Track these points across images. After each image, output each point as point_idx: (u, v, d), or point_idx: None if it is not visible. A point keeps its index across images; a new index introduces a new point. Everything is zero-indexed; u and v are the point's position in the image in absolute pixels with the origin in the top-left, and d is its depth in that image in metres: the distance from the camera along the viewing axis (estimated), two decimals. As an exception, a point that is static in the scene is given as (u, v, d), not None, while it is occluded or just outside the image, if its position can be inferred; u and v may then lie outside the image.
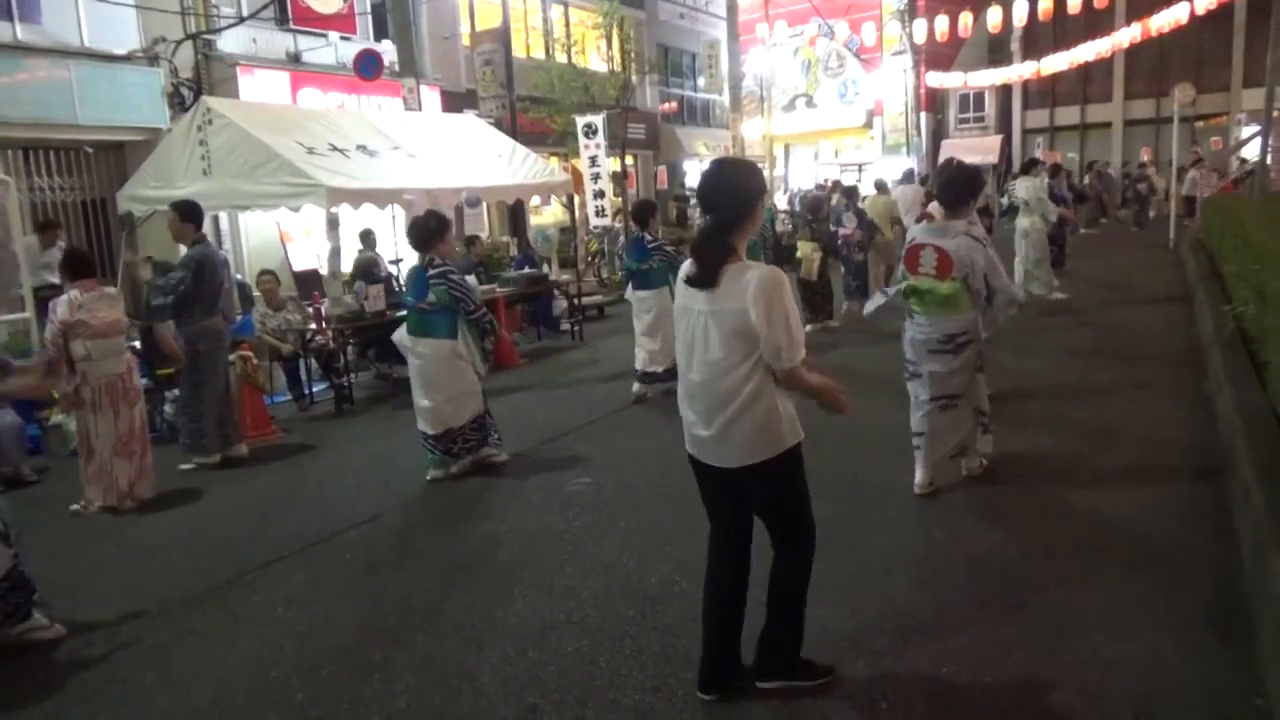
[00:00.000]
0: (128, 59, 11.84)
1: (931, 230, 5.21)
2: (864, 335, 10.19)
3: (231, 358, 8.21)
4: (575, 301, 12.79)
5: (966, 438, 5.32)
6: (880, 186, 14.33)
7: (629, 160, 21.93)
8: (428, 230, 6.26)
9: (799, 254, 11.01)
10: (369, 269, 10.39)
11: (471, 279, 8.78)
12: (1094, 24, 25.26)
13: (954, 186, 5.17)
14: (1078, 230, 17.18)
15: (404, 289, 7.33)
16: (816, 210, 11.52)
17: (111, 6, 11.39)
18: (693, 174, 27.39)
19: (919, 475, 5.23)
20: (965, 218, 5.16)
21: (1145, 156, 28.37)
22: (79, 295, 5.81)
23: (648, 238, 8.28)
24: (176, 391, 8.23)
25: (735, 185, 3.12)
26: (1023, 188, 11.60)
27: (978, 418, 5.33)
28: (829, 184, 18.01)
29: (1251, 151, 20.45)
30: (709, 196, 3.15)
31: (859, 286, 11.81)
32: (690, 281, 3.10)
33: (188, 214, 7.04)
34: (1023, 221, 11.41)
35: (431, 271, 6.15)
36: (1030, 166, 12.17)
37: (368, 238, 11.15)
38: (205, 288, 6.82)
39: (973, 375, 5.26)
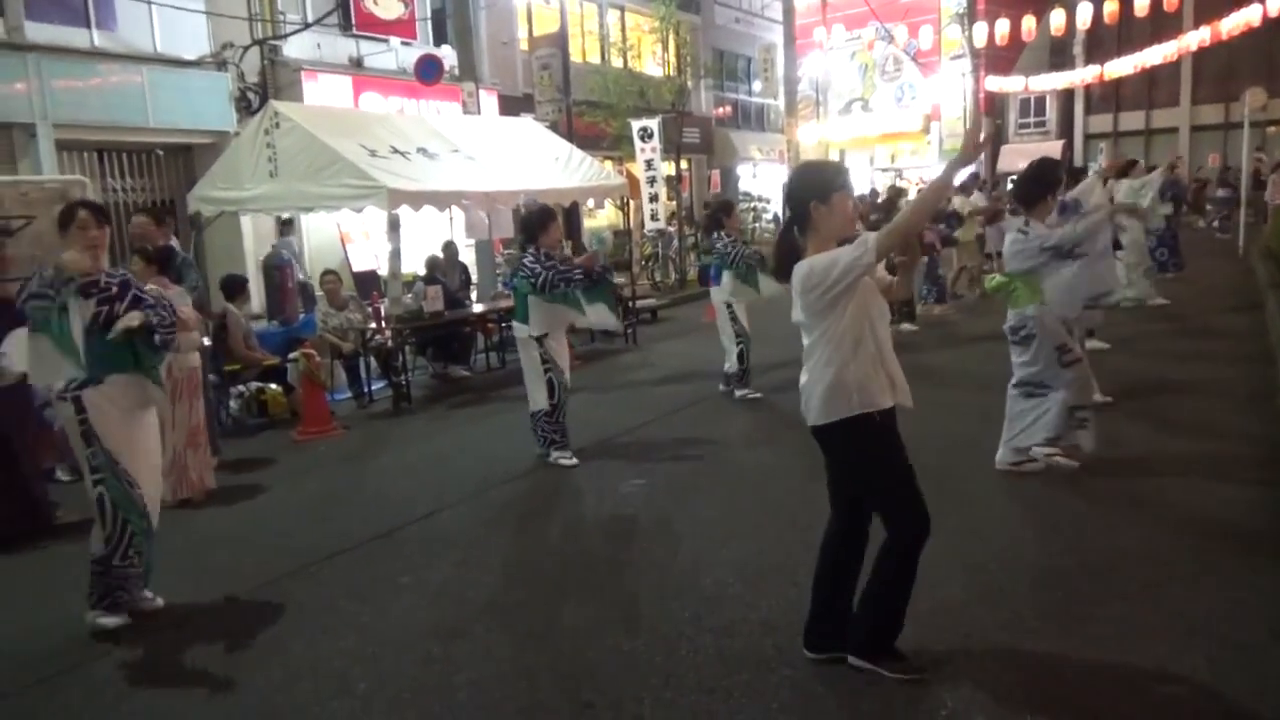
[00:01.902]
0: (197, 64, 12.18)
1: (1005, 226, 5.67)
2: (941, 337, 10.09)
3: (294, 355, 8.43)
4: (630, 304, 12.84)
5: (1056, 430, 5.36)
6: (964, 189, 14.29)
7: (683, 164, 21.97)
8: (529, 224, 6.67)
9: None
10: (432, 270, 10.57)
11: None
12: (1160, 26, 24.69)
13: (1024, 184, 5.41)
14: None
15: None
16: (889, 211, 11.45)
17: (182, 13, 11.73)
18: (746, 178, 27.36)
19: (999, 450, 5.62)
20: (1043, 215, 5.30)
21: (1213, 163, 27.67)
22: (158, 290, 5.97)
23: (715, 236, 8.44)
24: (241, 388, 8.49)
25: (791, 186, 3.39)
26: (1125, 191, 11.16)
27: (1072, 412, 5.32)
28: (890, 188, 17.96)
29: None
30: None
31: (933, 289, 11.92)
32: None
33: (160, 218, 7.24)
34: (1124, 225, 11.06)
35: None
36: (1129, 168, 11.82)
37: (449, 248, 11.30)
38: None
39: (1057, 368, 5.29)
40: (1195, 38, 22.78)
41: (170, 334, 4.42)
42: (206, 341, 7.59)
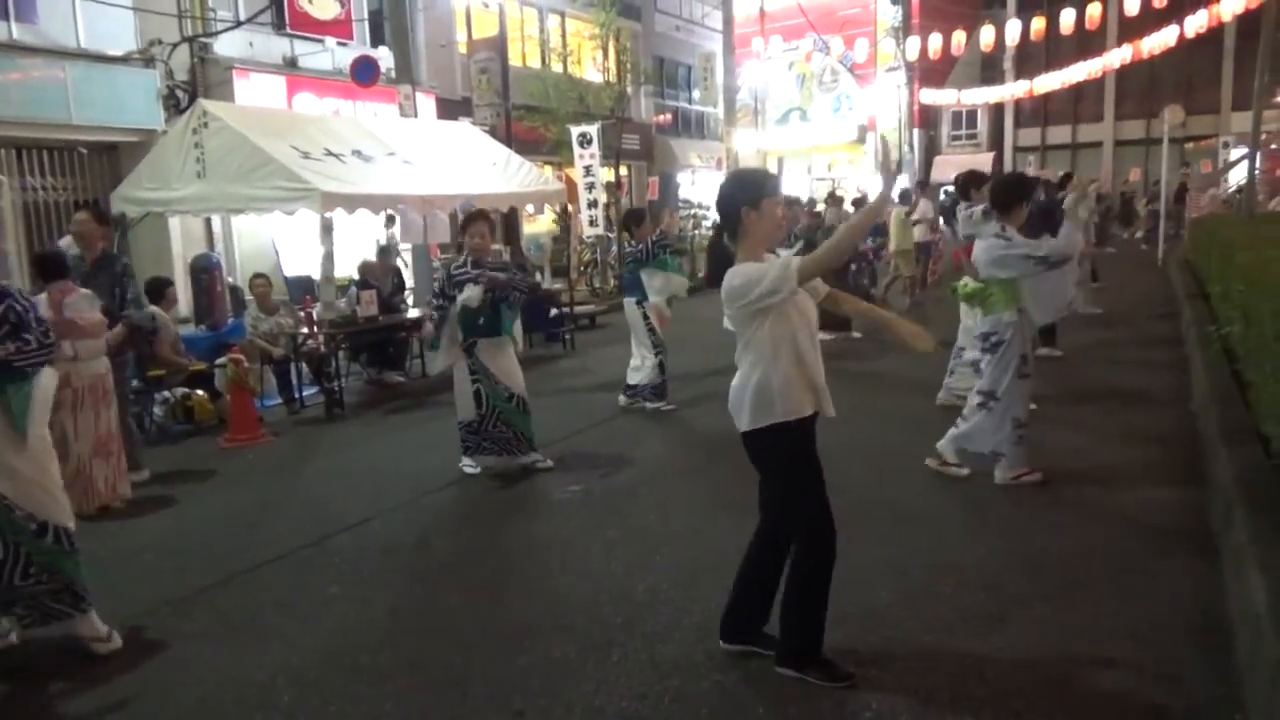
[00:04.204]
0: (123, 60, 11.83)
1: (977, 233, 5.82)
2: (880, 345, 10.23)
3: (222, 360, 8.24)
4: (568, 310, 12.82)
5: (1001, 445, 5.47)
6: (904, 198, 14.60)
7: (623, 170, 22.01)
8: (461, 227, 6.61)
9: None
10: (365, 274, 10.41)
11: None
12: (1086, 45, 25.53)
13: (1002, 192, 5.61)
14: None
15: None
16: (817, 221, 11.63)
17: (108, 7, 11.38)
18: (685, 185, 27.53)
19: (940, 442, 5.74)
20: (1017, 222, 5.48)
21: (1134, 177, 28.66)
22: (58, 296, 5.73)
23: (628, 245, 8.46)
24: (166, 394, 8.26)
25: (719, 194, 3.42)
26: (1067, 202, 11.38)
27: (1014, 427, 5.42)
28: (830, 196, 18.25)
29: (1239, 174, 20.70)
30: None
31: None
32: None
33: (104, 218, 7.00)
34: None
35: None
36: (1066, 182, 12.09)
37: (384, 252, 11.09)
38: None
39: (1015, 379, 5.40)
40: (1118, 55, 23.60)
41: (34, 359, 3.97)
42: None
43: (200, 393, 8.44)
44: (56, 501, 4.12)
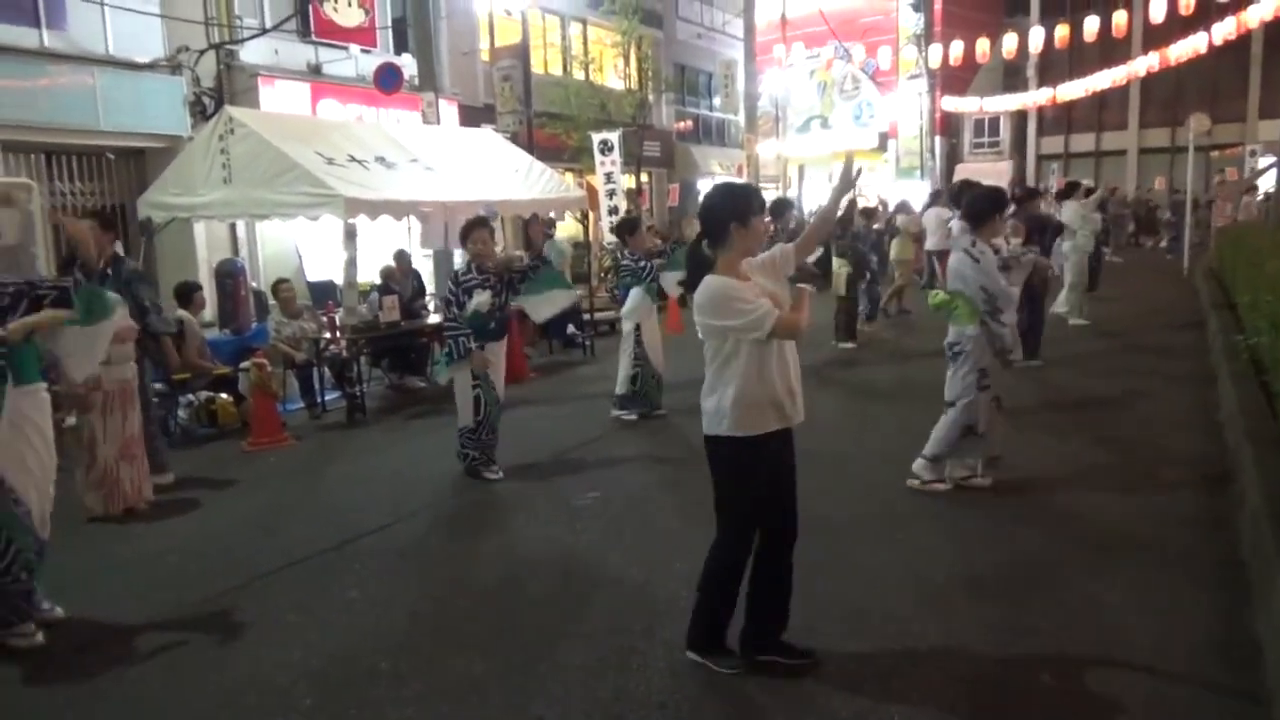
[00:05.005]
0: (151, 67, 11.97)
1: (953, 244, 5.85)
2: (882, 354, 10.20)
3: (245, 364, 8.30)
4: (589, 316, 12.84)
5: (948, 445, 5.52)
6: (903, 208, 14.68)
7: (644, 177, 22.03)
8: (460, 235, 6.73)
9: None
10: (387, 279, 10.46)
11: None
12: (1110, 52, 25.32)
13: (977, 202, 5.61)
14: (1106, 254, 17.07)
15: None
16: (845, 227, 11.55)
17: (136, 15, 11.53)
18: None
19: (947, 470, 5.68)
20: (989, 235, 5.52)
21: (1160, 186, 28.40)
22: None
23: (620, 256, 8.49)
24: (190, 397, 8.34)
25: (706, 205, 3.53)
26: (1067, 212, 11.51)
27: (962, 434, 5.46)
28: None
29: (1267, 182, 20.47)
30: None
31: (870, 306, 12.07)
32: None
33: (110, 224, 6.73)
34: (1064, 245, 11.34)
35: None
36: (1072, 190, 12.10)
37: (401, 257, 11.13)
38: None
39: (974, 391, 5.40)
40: (1143, 63, 23.38)
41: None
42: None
43: (224, 396, 8.50)
44: (47, 497, 4.28)
